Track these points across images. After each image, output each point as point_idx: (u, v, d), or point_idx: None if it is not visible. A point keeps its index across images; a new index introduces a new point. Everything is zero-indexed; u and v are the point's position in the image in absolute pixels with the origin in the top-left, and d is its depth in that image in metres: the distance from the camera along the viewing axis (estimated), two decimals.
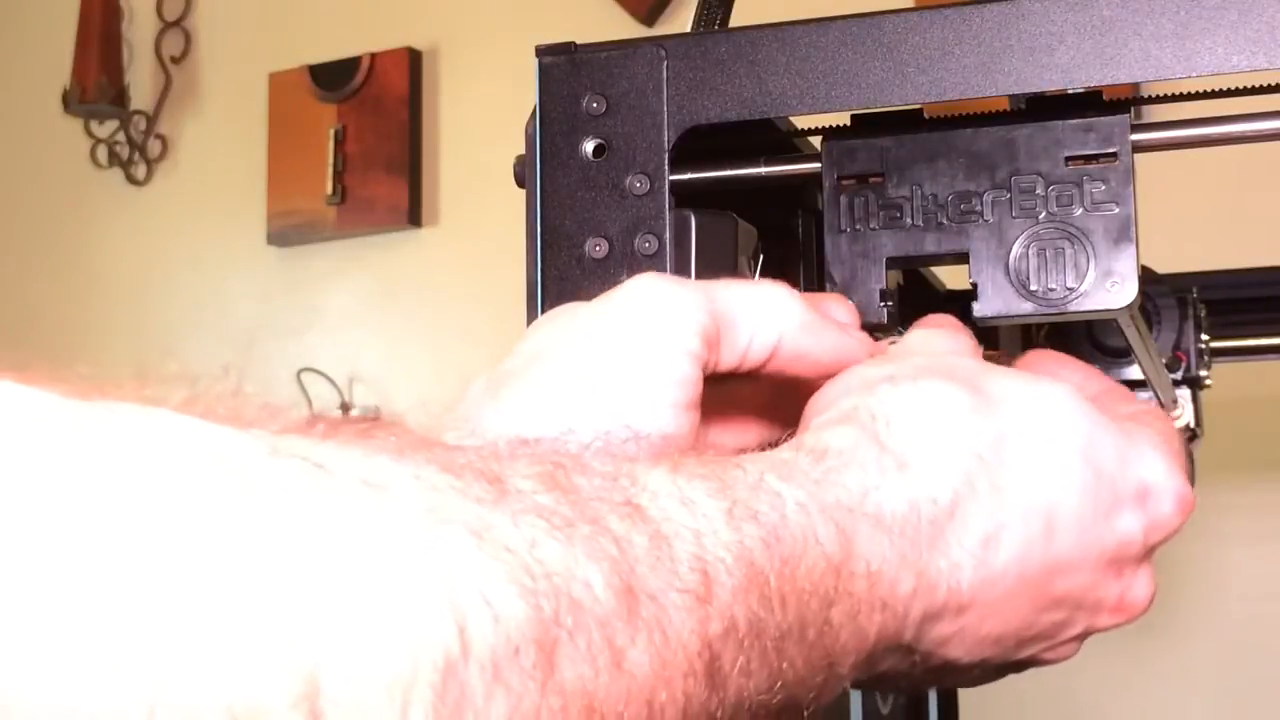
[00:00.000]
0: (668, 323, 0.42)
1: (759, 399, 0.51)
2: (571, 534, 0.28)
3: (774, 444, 0.51)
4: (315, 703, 0.22)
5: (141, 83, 2.68)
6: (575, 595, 0.27)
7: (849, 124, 0.56)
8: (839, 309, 0.49)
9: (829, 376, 0.45)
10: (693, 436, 0.42)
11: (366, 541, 0.24)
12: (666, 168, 0.53)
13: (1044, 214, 0.51)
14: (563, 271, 0.54)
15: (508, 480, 0.29)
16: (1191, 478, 0.46)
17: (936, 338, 0.48)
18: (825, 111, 0.53)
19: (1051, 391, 0.44)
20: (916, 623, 0.40)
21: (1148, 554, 0.46)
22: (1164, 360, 0.91)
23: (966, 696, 1.18)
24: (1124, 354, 0.92)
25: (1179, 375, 0.93)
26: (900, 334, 0.50)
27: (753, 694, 0.33)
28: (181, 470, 0.24)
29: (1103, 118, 0.51)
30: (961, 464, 0.41)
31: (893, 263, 0.54)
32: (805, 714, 0.37)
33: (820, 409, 0.44)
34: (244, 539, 0.23)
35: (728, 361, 0.44)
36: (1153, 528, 0.45)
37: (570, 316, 0.44)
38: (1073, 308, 0.51)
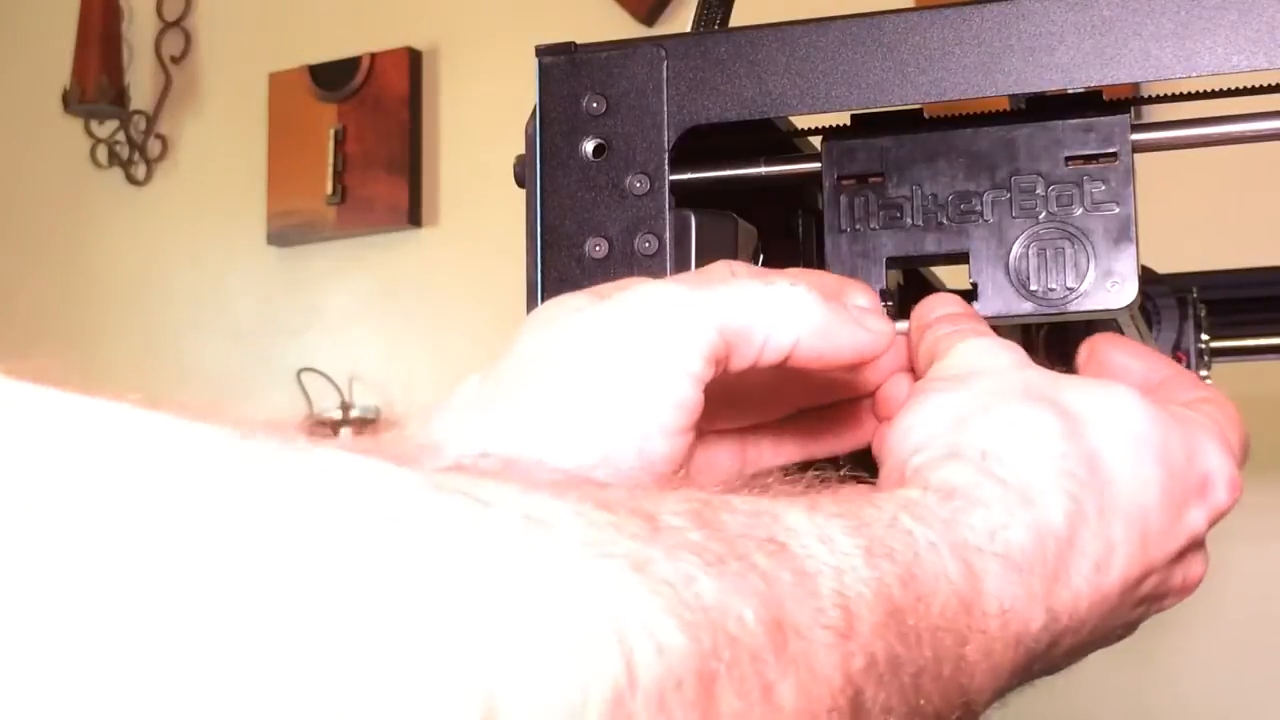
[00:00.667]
0: (672, 342, 0.41)
1: (760, 380, 0.50)
2: (723, 570, 0.29)
3: (771, 426, 0.51)
4: None
5: (141, 83, 2.68)
6: (731, 629, 0.28)
7: (849, 124, 0.56)
8: (861, 296, 0.48)
9: (847, 368, 0.45)
10: (687, 455, 0.42)
11: (535, 573, 0.25)
12: (666, 168, 0.53)
13: (1044, 214, 0.51)
14: (563, 272, 0.54)
15: (660, 517, 0.29)
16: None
17: (993, 352, 0.47)
18: (825, 111, 0.53)
19: (1123, 399, 0.44)
20: (1043, 652, 0.41)
21: (1204, 535, 0.47)
22: None
23: None
24: None
25: None
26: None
27: None
28: (360, 508, 0.24)
29: (1103, 118, 0.51)
30: (1070, 490, 0.41)
31: (893, 263, 0.54)
32: None
33: (913, 447, 0.43)
34: (422, 571, 0.23)
35: (738, 367, 0.43)
36: (1213, 514, 0.46)
37: (569, 318, 0.42)
38: (1073, 308, 0.51)
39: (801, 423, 0.51)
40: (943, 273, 0.79)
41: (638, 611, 0.26)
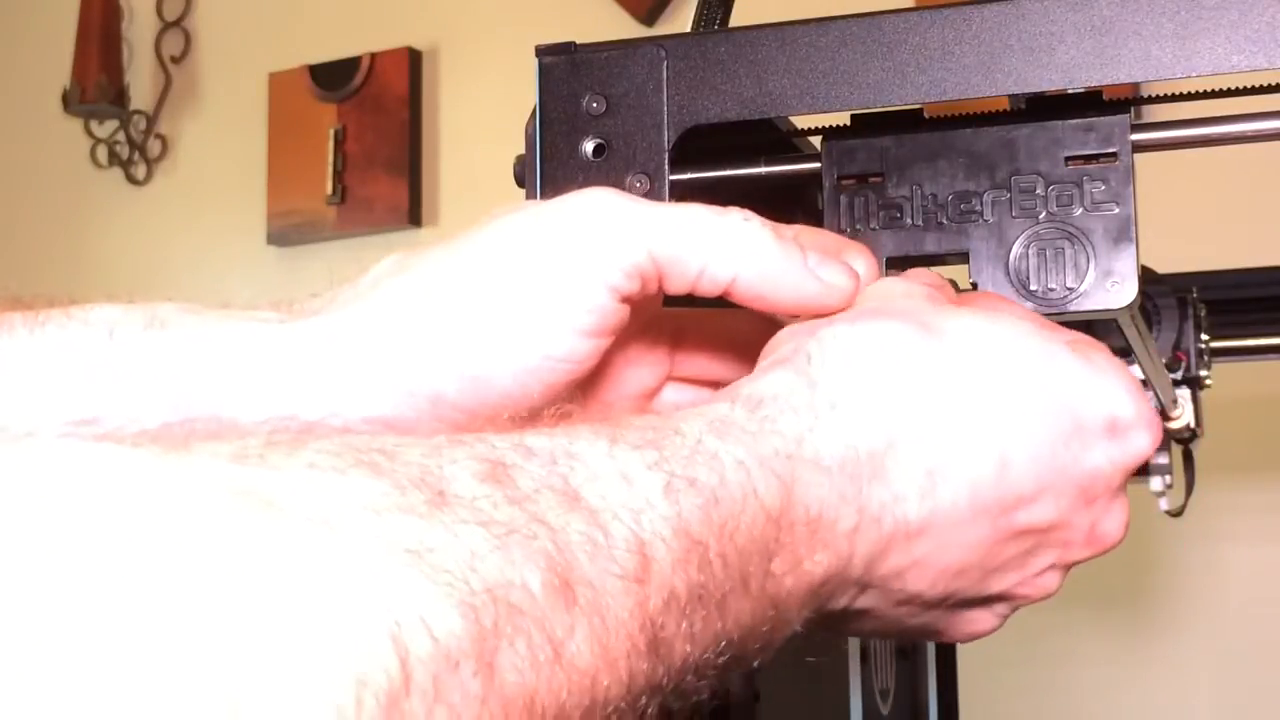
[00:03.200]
0: (597, 249, 0.41)
1: (746, 328, 0.50)
2: (509, 540, 0.29)
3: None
4: None
5: (141, 83, 2.68)
6: (514, 601, 0.28)
7: (849, 124, 0.56)
8: (859, 259, 0.47)
9: (804, 317, 0.45)
10: (594, 358, 0.42)
11: (311, 581, 0.25)
12: (666, 168, 0.53)
13: (1044, 214, 0.51)
14: None
15: (449, 487, 0.29)
16: (1191, 479, 0.46)
17: (892, 283, 0.47)
18: (825, 111, 0.53)
19: (1008, 324, 0.43)
20: (865, 559, 0.40)
21: (1121, 484, 0.45)
22: (1164, 360, 0.91)
23: (966, 698, 1.18)
24: (1124, 354, 0.92)
25: (1179, 375, 0.93)
26: None
27: (697, 655, 0.34)
28: (132, 511, 0.24)
29: (1103, 118, 0.51)
30: (898, 398, 0.41)
31: (893, 263, 0.54)
32: (754, 664, 0.37)
33: (768, 350, 0.43)
34: (191, 583, 0.23)
35: (675, 290, 0.43)
36: (1126, 458, 0.44)
37: (515, 212, 0.43)
38: (1073, 308, 0.51)
39: None
40: (942, 272, 0.79)
41: (415, 602, 0.25)
